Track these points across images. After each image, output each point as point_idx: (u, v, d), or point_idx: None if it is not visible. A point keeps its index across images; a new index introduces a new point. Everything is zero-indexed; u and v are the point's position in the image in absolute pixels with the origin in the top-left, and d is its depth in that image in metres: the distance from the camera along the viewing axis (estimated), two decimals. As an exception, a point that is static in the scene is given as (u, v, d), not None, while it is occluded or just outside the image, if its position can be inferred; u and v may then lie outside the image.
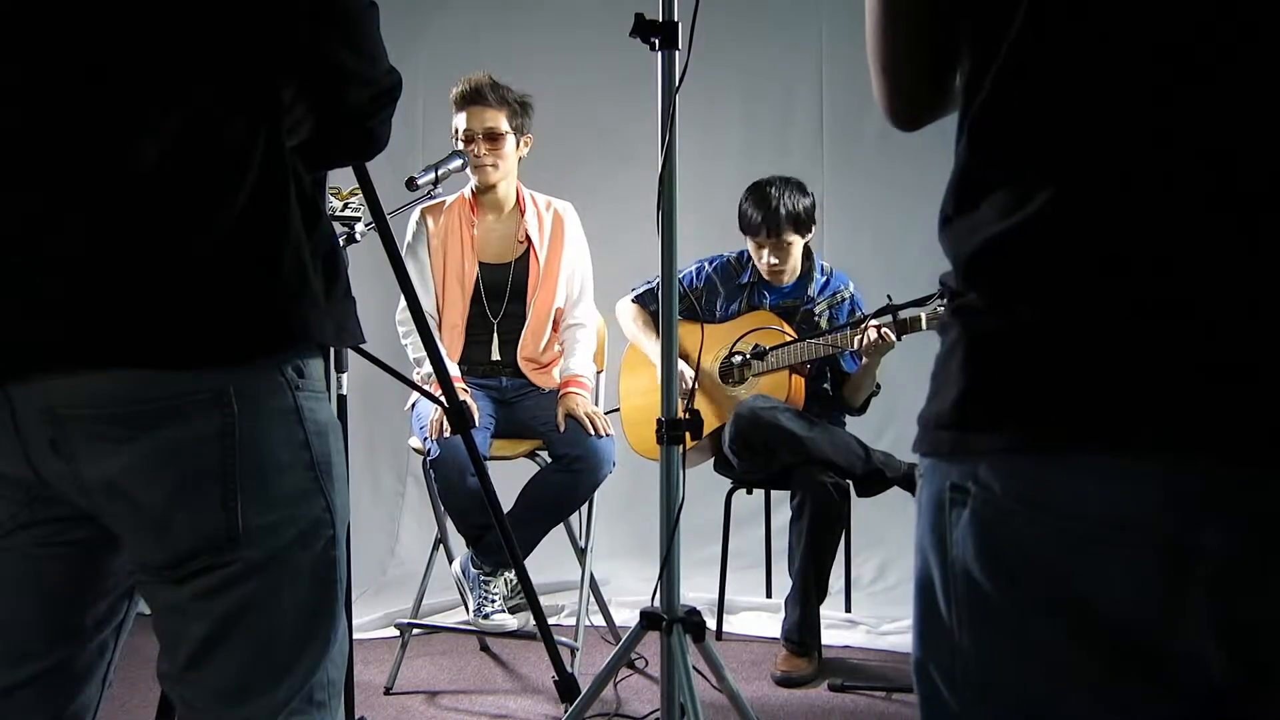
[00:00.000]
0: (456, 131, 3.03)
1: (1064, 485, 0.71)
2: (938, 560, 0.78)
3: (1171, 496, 0.68)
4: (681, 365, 2.87)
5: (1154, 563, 0.69)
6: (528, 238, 3.10)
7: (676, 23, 1.90)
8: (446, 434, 2.78)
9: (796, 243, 3.09)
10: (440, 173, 2.47)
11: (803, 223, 3.07)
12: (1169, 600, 0.69)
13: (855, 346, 2.87)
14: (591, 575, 2.98)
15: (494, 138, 3.01)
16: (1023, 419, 0.72)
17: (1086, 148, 0.72)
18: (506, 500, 2.64)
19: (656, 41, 1.90)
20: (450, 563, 3.02)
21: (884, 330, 2.82)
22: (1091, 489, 0.70)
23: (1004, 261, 0.74)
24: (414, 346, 3.00)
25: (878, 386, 3.14)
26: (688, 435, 1.98)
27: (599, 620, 3.18)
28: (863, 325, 2.84)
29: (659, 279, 1.98)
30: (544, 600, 2.36)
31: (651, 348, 3.20)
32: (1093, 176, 0.71)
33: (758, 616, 3.39)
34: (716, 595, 3.28)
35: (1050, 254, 0.72)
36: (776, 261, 3.10)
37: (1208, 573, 0.68)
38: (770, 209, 3.02)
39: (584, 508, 2.97)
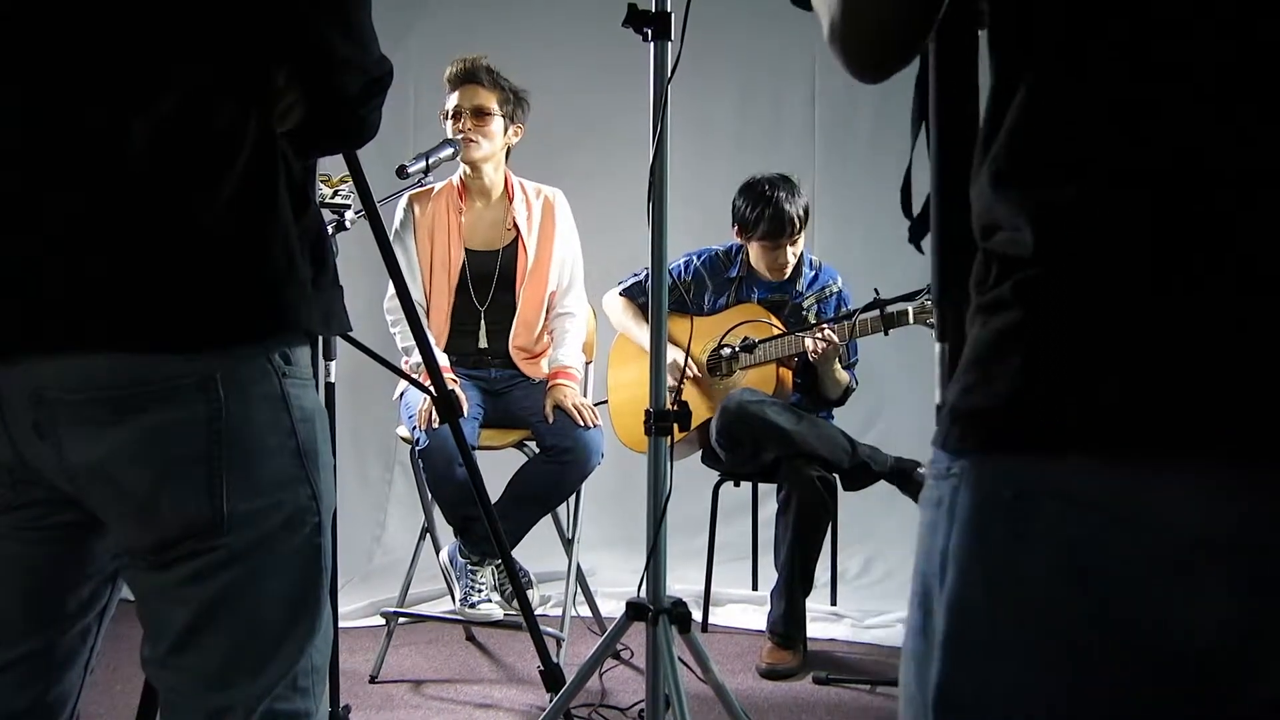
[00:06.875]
0: (446, 112, 2.99)
1: (1156, 497, 0.64)
2: (980, 571, 0.69)
3: (1259, 511, 0.63)
4: (675, 352, 2.86)
5: (1238, 580, 0.64)
6: (516, 225, 3.07)
7: (669, 13, 1.90)
8: (435, 424, 2.78)
9: (799, 240, 3.11)
10: (431, 161, 2.45)
11: (805, 221, 3.09)
12: (1252, 623, 0.65)
13: (806, 346, 2.90)
14: (578, 566, 2.99)
15: (481, 114, 2.97)
16: (1118, 424, 0.64)
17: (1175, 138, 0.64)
18: (494, 491, 2.63)
19: (649, 32, 1.89)
20: (437, 552, 3.02)
21: (820, 339, 2.87)
22: (1184, 502, 0.64)
23: (1099, 230, 0.64)
24: (403, 335, 2.99)
25: (856, 382, 3.15)
26: (675, 427, 1.98)
27: (585, 611, 3.18)
28: (853, 319, 2.85)
29: (646, 271, 1.98)
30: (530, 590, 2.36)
31: (643, 337, 3.20)
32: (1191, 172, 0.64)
33: (744, 609, 3.40)
34: (703, 587, 3.28)
35: (1146, 239, 0.63)
36: (791, 261, 3.11)
37: None
38: (778, 212, 3.01)
39: (571, 499, 2.97)
